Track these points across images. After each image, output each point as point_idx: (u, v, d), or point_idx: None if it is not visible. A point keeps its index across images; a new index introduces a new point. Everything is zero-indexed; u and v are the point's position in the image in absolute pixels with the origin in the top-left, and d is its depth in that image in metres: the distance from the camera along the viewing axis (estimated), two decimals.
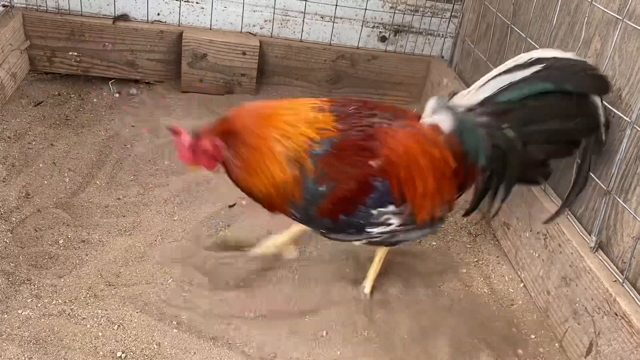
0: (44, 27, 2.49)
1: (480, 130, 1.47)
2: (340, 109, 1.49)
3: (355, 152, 1.43)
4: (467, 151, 1.48)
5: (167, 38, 2.59)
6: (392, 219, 1.49)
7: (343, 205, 1.45)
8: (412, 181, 1.45)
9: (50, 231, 1.80)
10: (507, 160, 1.49)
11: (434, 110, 1.50)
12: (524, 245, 1.88)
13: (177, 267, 1.74)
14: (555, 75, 1.44)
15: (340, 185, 1.43)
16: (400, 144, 1.45)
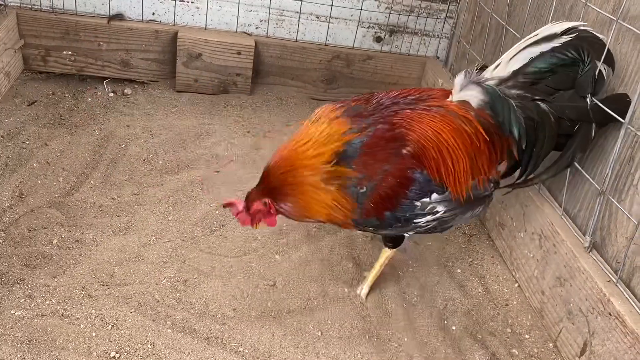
0: (38, 26, 2.48)
1: (512, 102, 1.48)
2: (358, 108, 1.49)
3: (385, 146, 1.43)
4: (500, 123, 1.48)
5: (162, 37, 2.58)
6: (437, 207, 1.49)
7: (385, 203, 1.45)
8: (447, 163, 1.45)
9: (43, 231, 1.79)
10: (538, 134, 1.51)
11: (463, 85, 1.50)
12: (519, 245, 1.89)
13: (172, 267, 1.74)
14: (582, 45, 1.47)
15: (379, 184, 1.43)
16: (428, 127, 1.44)
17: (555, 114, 1.52)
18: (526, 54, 1.50)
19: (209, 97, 2.65)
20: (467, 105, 1.49)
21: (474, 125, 1.47)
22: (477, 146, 1.48)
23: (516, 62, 1.51)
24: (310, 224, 1.97)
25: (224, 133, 2.41)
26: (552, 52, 1.49)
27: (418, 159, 1.44)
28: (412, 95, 1.53)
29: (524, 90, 1.50)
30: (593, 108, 1.52)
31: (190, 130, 2.39)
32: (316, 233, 1.96)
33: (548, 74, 1.49)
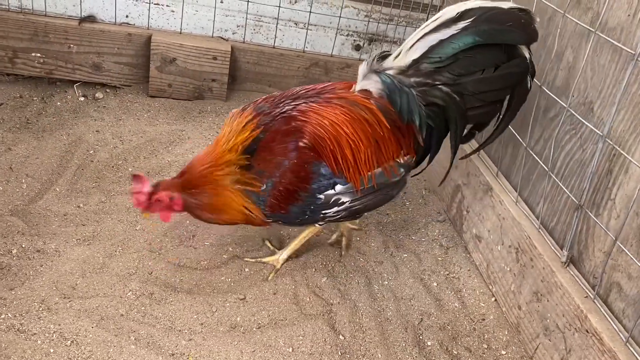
0: (6, 27, 2.39)
1: (410, 90, 1.49)
2: (263, 107, 1.51)
3: (281, 141, 1.44)
4: (400, 112, 1.50)
5: (135, 41, 2.51)
6: (342, 198, 1.50)
7: (287, 198, 1.47)
8: (346, 153, 1.47)
9: (3, 240, 1.71)
10: (448, 115, 1.53)
11: (364, 75, 1.52)
12: (496, 258, 1.85)
13: (138, 279, 1.67)
14: (483, 28, 1.45)
15: (279, 180, 1.45)
16: (325, 119, 1.46)
17: (462, 94, 1.51)
18: (426, 42, 1.48)
19: (183, 102, 2.59)
20: (368, 94, 1.50)
21: (375, 113, 1.48)
22: (381, 134, 1.49)
23: (416, 50, 1.49)
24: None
25: (197, 140, 2.35)
26: (450, 40, 1.46)
27: (315, 152, 1.44)
28: (316, 89, 1.55)
29: (425, 77, 1.49)
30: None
31: (162, 137, 2.32)
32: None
33: (450, 60, 1.48)
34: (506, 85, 1.56)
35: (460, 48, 1.46)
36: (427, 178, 2.36)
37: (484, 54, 1.49)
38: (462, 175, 2.12)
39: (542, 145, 1.81)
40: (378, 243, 1.99)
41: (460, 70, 1.49)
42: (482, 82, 1.52)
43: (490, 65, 1.51)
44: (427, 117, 1.53)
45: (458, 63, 1.48)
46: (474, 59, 1.48)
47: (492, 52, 1.50)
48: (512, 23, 1.48)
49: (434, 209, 2.20)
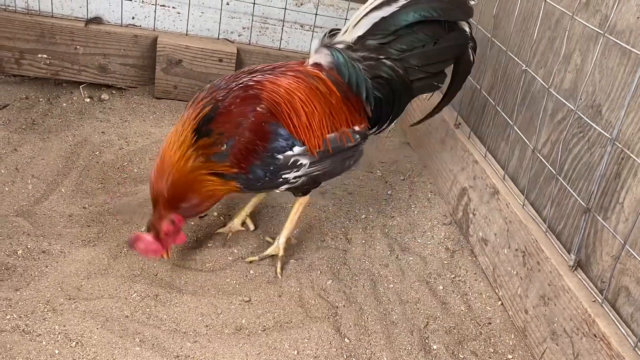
0: (12, 28, 2.40)
1: (357, 64, 1.61)
2: (219, 83, 1.60)
3: (240, 104, 1.53)
4: (350, 84, 1.61)
5: (141, 42, 2.52)
6: (301, 159, 1.57)
7: (247, 157, 1.53)
8: (301, 117, 1.56)
9: (8, 241, 1.71)
10: (392, 87, 1.65)
11: (316, 49, 1.64)
12: (502, 262, 1.84)
13: (143, 281, 1.66)
14: (422, 5, 1.59)
15: (239, 138, 1.51)
16: (280, 87, 1.56)
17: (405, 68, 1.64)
18: (369, 19, 1.60)
19: None
20: (320, 67, 1.62)
21: (326, 83, 1.60)
22: (332, 102, 1.60)
23: (360, 28, 1.61)
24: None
25: None
26: (391, 17, 1.59)
27: (272, 114, 1.53)
28: (271, 66, 1.65)
29: (370, 52, 1.62)
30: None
31: None
32: (295, 247, 1.90)
33: (392, 36, 1.61)
34: (447, 58, 1.71)
35: (400, 25, 1.60)
36: (432, 181, 2.35)
37: (423, 30, 1.63)
38: (468, 178, 2.11)
39: (550, 148, 1.80)
40: (383, 246, 1.98)
41: (402, 45, 1.63)
42: (423, 55, 1.66)
43: (430, 40, 1.65)
44: (374, 89, 1.64)
45: (400, 39, 1.62)
46: (414, 34, 1.62)
47: (431, 28, 1.63)
48: (448, 0, 1.63)
49: (439, 212, 2.19)
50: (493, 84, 2.18)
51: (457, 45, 1.70)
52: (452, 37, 1.68)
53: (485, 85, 2.21)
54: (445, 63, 1.72)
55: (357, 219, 2.09)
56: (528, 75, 1.89)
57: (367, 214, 2.13)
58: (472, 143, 2.17)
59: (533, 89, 1.91)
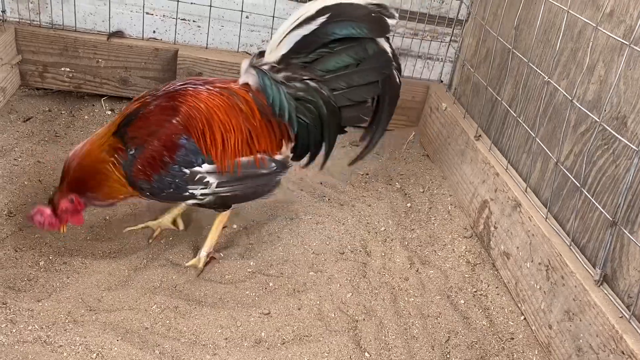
0: (37, 42, 2.45)
1: (281, 87, 1.58)
2: (151, 91, 1.61)
3: (158, 114, 1.53)
4: (272, 105, 1.58)
5: (162, 56, 2.54)
6: (208, 178, 1.56)
7: (152, 165, 1.54)
8: (216, 136, 1.55)
9: (31, 252, 1.72)
10: (319, 111, 1.61)
11: (245, 69, 1.62)
12: (525, 276, 1.81)
13: (162, 292, 1.66)
14: (341, 23, 1.54)
15: (147, 146, 1.52)
16: (201, 102, 1.55)
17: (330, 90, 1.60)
18: (291, 37, 1.57)
19: None
20: (248, 87, 1.60)
21: (250, 105, 1.58)
22: (254, 124, 1.58)
23: (283, 46, 1.58)
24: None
25: None
26: (311, 35, 1.55)
27: (186, 128, 1.53)
28: (206, 80, 1.63)
29: (293, 72, 1.58)
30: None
31: None
32: (314, 259, 1.89)
33: (313, 55, 1.57)
34: (370, 81, 1.63)
35: (320, 42, 1.56)
36: (452, 193, 2.33)
37: (346, 50, 1.58)
38: (489, 191, 2.08)
39: (573, 161, 1.78)
40: (403, 259, 1.96)
41: (325, 66, 1.59)
42: (346, 77, 1.61)
43: (353, 62, 1.60)
44: (298, 112, 1.60)
45: (322, 59, 1.58)
46: (336, 55, 1.58)
47: (352, 48, 1.59)
48: (365, 17, 1.57)
49: (460, 225, 2.16)
50: (514, 95, 2.16)
51: (380, 67, 1.63)
52: (374, 59, 1.61)
53: (505, 96, 2.19)
54: (370, 88, 1.65)
55: (377, 232, 2.08)
56: (550, 86, 1.87)
57: (387, 227, 2.11)
58: (493, 155, 2.15)
59: (555, 100, 1.89)
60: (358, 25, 1.56)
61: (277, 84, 1.58)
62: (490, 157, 2.14)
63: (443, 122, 2.55)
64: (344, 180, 2.35)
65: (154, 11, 2.54)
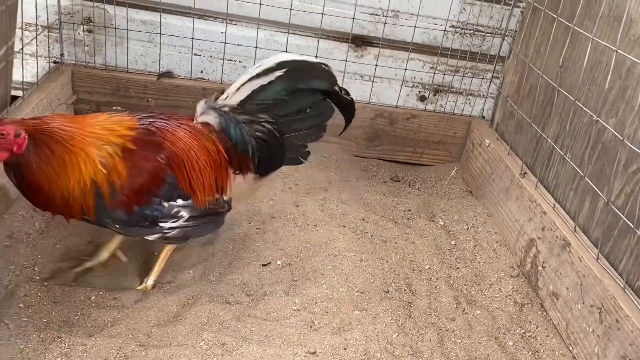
0: (91, 83, 2.56)
1: (242, 126, 1.73)
2: (144, 117, 1.68)
3: (144, 148, 1.61)
4: (235, 143, 1.73)
5: (209, 95, 2.62)
6: (182, 211, 1.66)
7: (137, 197, 1.60)
8: (194, 173, 1.66)
9: (83, 287, 1.77)
10: (270, 148, 1.78)
11: (203, 110, 1.74)
12: (576, 318, 1.76)
13: (210, 329, 1.68)
14: (294, 76, 1.75)
15: (134, 178, 1.58)
16: (180, 140, 1.66)
17: (282, 132, 1.79)
18: (249, 86, 1.74)
19: None
20: (210, 126, 1.72)
21: (216, 144, 1.71)
22: (219, 163, 1.71)
23: (242, 93, 1.75)
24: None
25: (264, 189, 2.39)
26: (269, 85, 1.73)
27: (170, 165, 1.63)
28: (164, 114, 1.74)
29: (252, 115, 1.75)
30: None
31: None
32: (359, 297, 1.88)
33: (269, 102, 1.76)
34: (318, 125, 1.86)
35: (277, 92, 1.75)
36: (497, 231, 2.30)
37: (299, 98, 1.78)
38: (536, 229, 2.05)
39: (624, 200, 1.74)
40: (449, 298, 1.94)
41: (279, 111, 1.78)
42: (297, 121, 1.81)
43: (304, 108, 1.81)
44: (257, 150, 1.77)
45: (276, 105, 1.76)
46: (289, 102, 1.77)
47: (304, 97, 1.79)
48: (316, 72, 1.78)
49: (506, 264, 2.13)
50: (559, 132, 2.15)
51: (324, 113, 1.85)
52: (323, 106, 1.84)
53: (550, 133, 2.18)
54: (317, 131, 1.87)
55: (421, 270, 2.07)
56: (598, 124, 1.85)
57: (431, 265, 2.09)
58: (539, 193, 2.12)
59: (604, 138, 1.86)
60: (310, 80, 1.77)
61: (239, 124, 1.73)
62: (537, 195, 2.11)
63: (486, 158, 2.54)
64: (387, 217, 2.35)
65: (202, 52, 2.64)
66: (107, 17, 2.53)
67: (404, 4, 2.62)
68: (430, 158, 2.82)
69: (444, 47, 2.67)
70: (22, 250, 1.85)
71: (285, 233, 2.14)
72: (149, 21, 2.56)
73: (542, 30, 2.31)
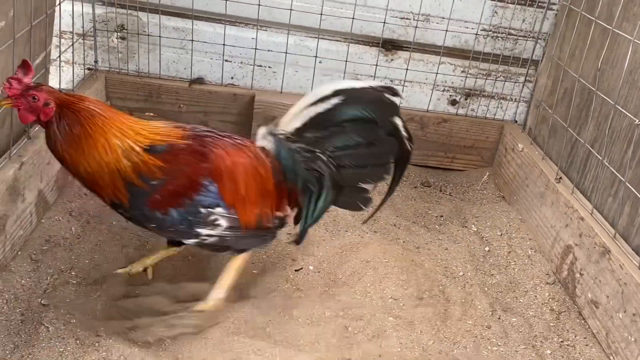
0: (124, 89, 2.60)
1: (295, 156, 1.66)
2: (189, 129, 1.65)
3: (189, 154, 1.58)
4: (285, 173, 1.66)
5: (239, 100, 2.64)
6: (220, 220, 1.61)
7: (173, 199, 1.56)
8: (237, 189, 1.61)
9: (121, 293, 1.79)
10: (322, 182, 1.68)
11: (263, 135, 1.69)
12: (617, 327, 1.72)
13: (244, 334, 1.68)
14: (354, 104, 1.64)
15: (172, 179, 1.55)
16: (229, 156, 1.62)
17: (338, 166, 1.68)
18: (306, 114, 1.65)
19: None
20: (266, 151, 1.68)
21: (267, 168, 1.65)
22: (267, 187, 1.65)
23: (297, 120, 1.67)
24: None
25: None
26: (326, 113, 1.64)
27: (212, 174, 1.59)
28: (225, 133, 1.70)
29: (307, 145, 1.66)
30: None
31: None
32: (393, 304, 1.86)
33: (326, 132, 1.66)
34: (379, 163, 1.71)
35: (334, 121, 1.65)
36: (532, 237, 2.26)
37: (355, 129, 1.66)
38: (573, 236, 2.01)
39: None
40: (484, 305, 1.91)
41: (335, 142, 1.67)
42: (355, 156, 1.68)
43: (363, 141, 1.67)
44: (309, 182, 1.68)
45: (333, 136, 1.66)
46: (347, 132, 1.66)
47: (365, 128, 1.66)
48: (375, 99, 1.65)
49: (542, 271, 2.09)
50: (596, 136, 2.10)
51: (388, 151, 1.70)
52: (384, 143, 1.68)
53: (587, 138, 2.13)
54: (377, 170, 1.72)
55: (455, 276, 2.04)
56: (639, 128, 1.81)
57: (465, 271, 2.07)
58: (575, 198, 2.08)
59: None
60: (367, 108, 1.65)
61: (292, 153, 1.66)
62: (574, 201, 2.07)
63: (519, 163, 2.50)
64: (419, 223, 2.33)
65: (232, 58, 2.66)
66: (140, 24, 2.57)
67: (435, 7, 2.60)
68: (461, 163, 2.79)
69: (476, 51, 2.65)
70: (59, 254, 1.88)
71: (316, 238, 2.14)
72: (180, 28, 2.59)
73: (577, 33, 2.27)
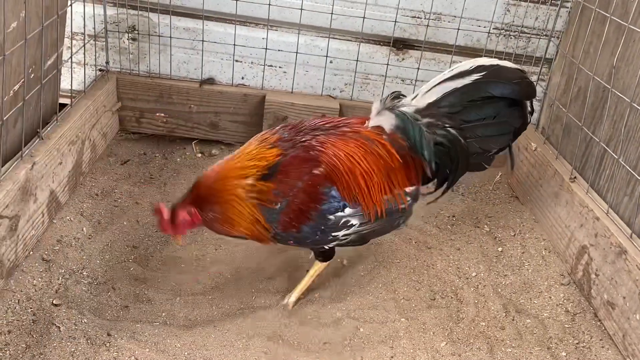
0: (135, 90, 2.60)
1: (423, 127, 1.63)
2: (283, 133, 1.65)
3: (298, 166, 1.57)
4: (412, 145, 1.64)
5: (250, 101, 2.64)
6: (351, 220, 1.61)
7: (300, 217, 1.58)
8: (359, 181, 1.59)
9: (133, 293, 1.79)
10: (451, 155, 1.68)
11: (377, 111, 1.67)
12: (634, 329, 1.69)
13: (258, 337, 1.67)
14: (495, 83, 1.65)
15: (292, 199, 1.56)
16: (340, 150, 1.60)
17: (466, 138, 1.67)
18: (440, 88, 1.65)
19: None
20: (381, 129, 1.65)
21: (386, 147, 1.62)
22: (391, 165, 1.62)
23: (431, 95, 1.66)
24: None
25: None
26: (463, 89, 1.64)
27: (329, 178, 1.58)
28: (332, 122, 1.69)
29: (437, 119, 1.65)
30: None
31: None
32: (405, 305, 1.84)
33: (461, 106, 1.65)
34: (502, 133, 1.73)
35: (471, 97, 1.65)
36: (546, 237, 2.23)
37: (488, 104, 1.67)
38: (588, 236, 1.98)
39: None
40: (498, 306, 1.88)
41: (468, 116, 1.67)
42: (482, 128, 1.70)
43: (492, 115, 1.69)
44: (434, 155, 1.67)
45: (467, 110, 1.66)
46: (477, 107, 1.67)
47: (497, 104, 1.68)
48: (518, 80, 1.67)
49: (556, 271, 2.06)
50: (612, 135, 2.07)
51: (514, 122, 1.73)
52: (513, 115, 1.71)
53: (602, 137, 2.10)
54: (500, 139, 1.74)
55: (468, 277, 2.02)
56: None
57: (478, 272, 2.04)
58: (591, 198, 2.05)
59: None
60: (512, 88, 1.67)
61: (419, 124, 1.64)
62: (589, 200, 2.04)
63: (533, 162, 2.47)
64: (430, 223, 2.31)
65: (243, 59, 2.65)
66: (151, 25, 2.57)
67: (447, 6, 2.58)
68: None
69: (488, 50, 2.62)
70: (70, 254, 1.89)
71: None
72: (191, 28, 2.59)
73: (591, 30, 2.24)
